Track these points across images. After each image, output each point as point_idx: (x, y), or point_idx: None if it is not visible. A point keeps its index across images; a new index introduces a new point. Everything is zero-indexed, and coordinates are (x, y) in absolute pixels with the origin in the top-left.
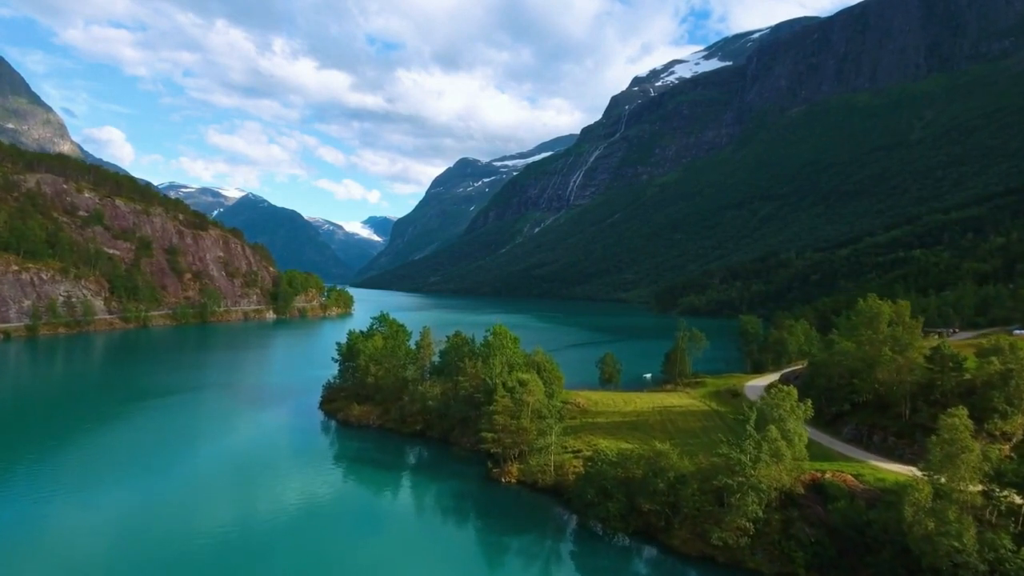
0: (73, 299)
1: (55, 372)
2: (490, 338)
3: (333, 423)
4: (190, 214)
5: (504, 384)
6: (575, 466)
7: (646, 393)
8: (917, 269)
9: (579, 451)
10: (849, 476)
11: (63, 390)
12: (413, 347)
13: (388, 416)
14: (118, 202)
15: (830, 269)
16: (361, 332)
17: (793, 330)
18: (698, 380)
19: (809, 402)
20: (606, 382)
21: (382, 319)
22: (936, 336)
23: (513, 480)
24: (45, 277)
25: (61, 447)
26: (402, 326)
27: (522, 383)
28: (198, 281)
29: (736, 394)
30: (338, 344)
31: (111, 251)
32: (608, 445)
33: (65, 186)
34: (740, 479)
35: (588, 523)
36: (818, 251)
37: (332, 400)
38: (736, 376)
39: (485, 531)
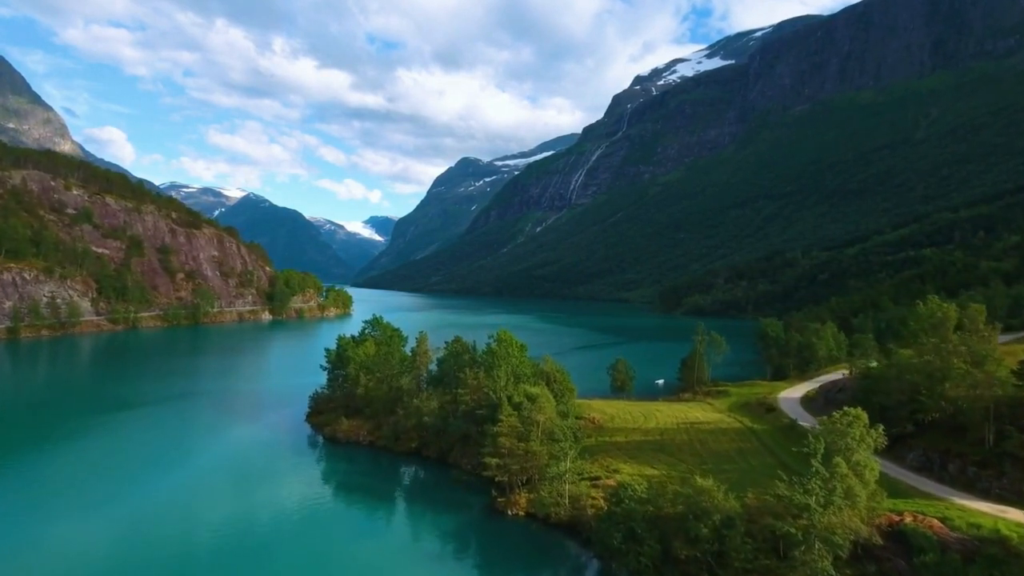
0: (58, 300)
1: (21, 379)
2: (493, 345)
3: (320, 439)
4: (183, 212)
5: (510, 399)
6: (593, 497)
7: (665, 404)
8: (933, 268)
9: (597, 478)
10: (935, 520)
11: (24, 400)
12: (409, 353)
13: (380, 432)
14: (108, 200)
15: (838, 268)
16: (352, 337)
17: (821, 334)
18: (719, 389)
19: (881, 428)
20: (618, 390)
21: (375, 322)
22: None
23: (521, 512)
24: (28, 277)
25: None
26: (397, 330)
27: (531, 398)
28: (191, 281)
29: (771, 408)
30: (327, 350)
31: (100, 250)
32: (630, 471)
33: (53, 183)
34: (805, 523)
35: (612, 568)
36: (825, 250)
37: (319, 412)
38: (759, 384)
39: (490, 574)
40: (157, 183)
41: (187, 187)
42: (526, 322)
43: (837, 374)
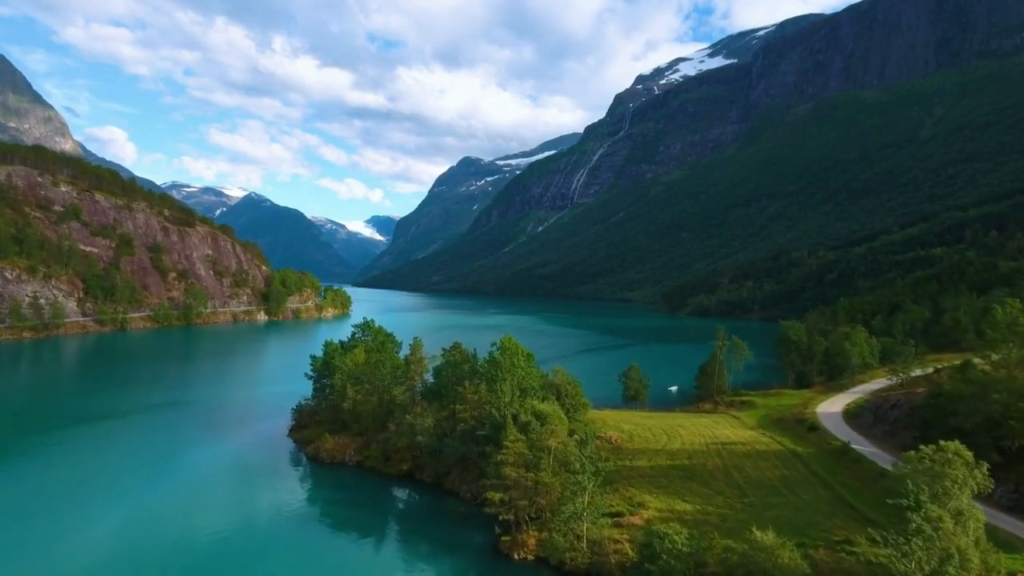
0: (41, 300)
1: None
2: (496, 354)
3: (303, 457)
4: (176, 210)
5: (515, 418)
6: (617, 540)
7: (684, 416)
8: (950, 268)
9: (620, 514)
10: None
11: None
12: (403, 360)
13: (368, 451)
14: (98, 196)
15: (846, 268)
16: (341, 342)
17: (853, 339)
18: (742, 399)
19: (985, 467)
20: (631, 399)
21: (366, 326)
22: None
23: (530, 556)
24: (10, 276)
25: None
26: (390, 335)
27: (540, 418)
28: (183, 281)
29: (813, 427)
30: (312, 357)
31: (88, 249)
32: (658, 505)
33: (40, 179)
34: None
35: None
36: (832, 249)
37: (303, 426)
38: (785, 393)
39: None
40: (159, 182)
41: (188, 186)
42: (528, 323)
43: (874, 383)
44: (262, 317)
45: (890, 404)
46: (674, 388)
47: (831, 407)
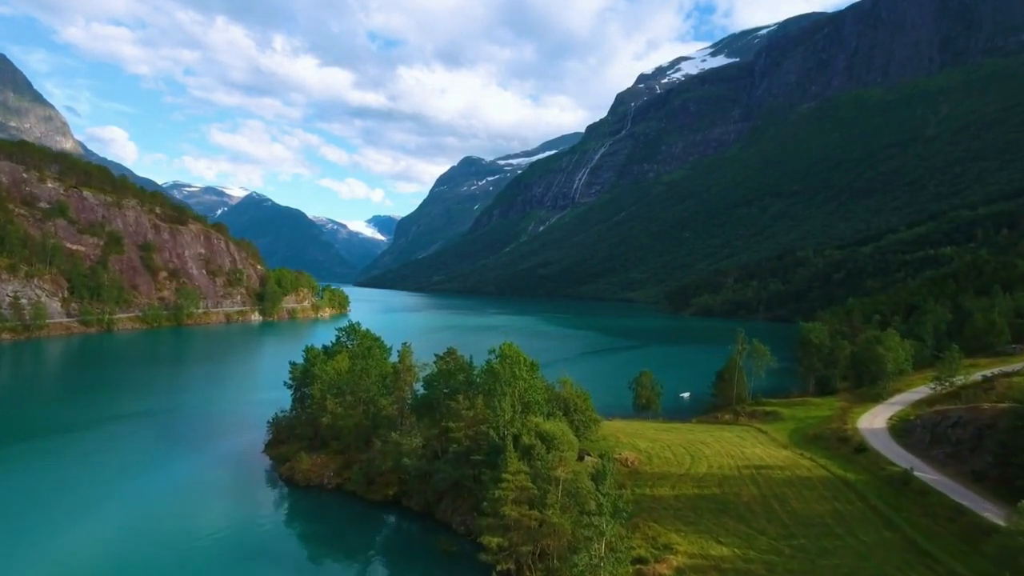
0: (22, 300)
1: None
2: (495, 364)
3: (277, 478)
4: (168, 207)
5: (516, 440)
6: None
7: (703, 429)
8: (965, 267)
9: (643, 561)
10: None
11: None
12: (392, 367)
13: (349, 473)
14: (86, 193)
15: (854, 267)
16: (324, 348)
17: (887, 344)
18: (765, 409)
19: None
20: (643, 408)
21: (351, 330)
22: None
23: None
24: None
25: None
26: (377, 339)
27: (546, 440)
28: (175, 280)
29: (861, 448)
30: (292, 364)
31: (75, 247)
32: (689, 548)
33: (25, 175)
34: None
35: None
36: (838, 249)
37: (280, 442)
38: (812, 402)
39: None
40: (160, 182)
41: (190, 186)
42: (529, 324)
43: (913, 393)
44: (256, 318)
45: (951, 421)
46: (686, 395)
47: (873, 421)
